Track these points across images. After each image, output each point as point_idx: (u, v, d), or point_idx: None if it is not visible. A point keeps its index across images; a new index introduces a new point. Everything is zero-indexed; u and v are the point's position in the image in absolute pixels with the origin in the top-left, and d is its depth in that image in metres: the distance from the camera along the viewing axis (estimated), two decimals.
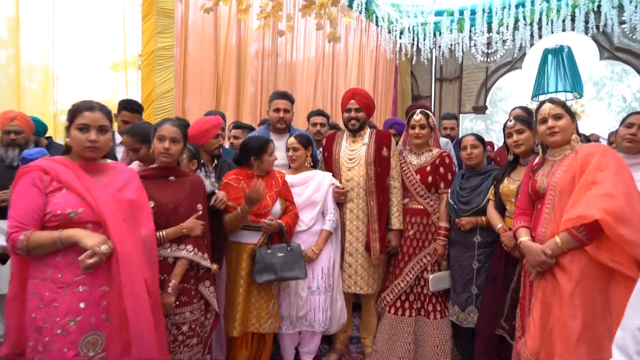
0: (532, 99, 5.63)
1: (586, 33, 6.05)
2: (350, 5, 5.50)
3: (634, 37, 5.80)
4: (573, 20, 5.89)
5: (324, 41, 5.93)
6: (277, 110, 2.62)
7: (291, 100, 2.69)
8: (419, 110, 2.62)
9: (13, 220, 1.33)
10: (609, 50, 6.29)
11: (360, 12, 6.04)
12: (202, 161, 2.32)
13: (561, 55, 5.55)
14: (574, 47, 5.54)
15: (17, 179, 1.39)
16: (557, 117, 1.79)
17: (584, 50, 6.73)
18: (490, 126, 14.55)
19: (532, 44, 6.32)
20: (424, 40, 6.59)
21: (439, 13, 6.45)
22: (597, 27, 5.76)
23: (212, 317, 1.99)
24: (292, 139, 2.49)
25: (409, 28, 6.59)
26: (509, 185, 2.17)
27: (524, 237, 1.82)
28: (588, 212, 1.53)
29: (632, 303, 0.87)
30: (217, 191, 2.16)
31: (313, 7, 3.27)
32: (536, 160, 1.94)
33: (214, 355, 2.18)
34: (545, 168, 1.86)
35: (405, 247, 2.55)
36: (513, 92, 13.19)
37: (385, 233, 2.51)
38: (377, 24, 6.59)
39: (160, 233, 1.73)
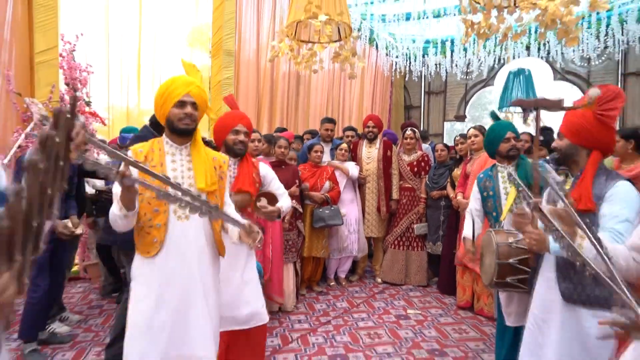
0: (498, 109, 7.69)
1: (543, 58, 8.11)
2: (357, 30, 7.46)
3: (581, 63, 7.83)
4: (528, 48, 7.93)
5: (334, 64, 7.88)
6: (327, 129, 4.60)
7: (334, 122, 4.66)
8: (409, 128, 4.62)
9: None
10: (560, 72, 8.36)
11: (364, 39, 8.02)
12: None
13: (522, 76, 7.63)
14: (535, 69, 7.58)
15: None
16: (476, 135, 3.77)
17: (542, 72, 8.79)
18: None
19: (501, 66, 8.35)
20: (415, 61, 8.60)
21: (427, 41, 8.46)
22: (548, 52, 7.78)
23: (302, 239, 3.94)
24: (344, 147, 4.44)
25: (402, 52, 8.57)
26: (457, 172, 4.17)
27: (459, 197, 3.81)
28: None
29: None
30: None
31: (339, 58, 5.22)
32: (469, 158, 3.93)
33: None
34: (471, 162, 3.85)
35: (400, 209, 4.55)
36: (486, 104, 15.27)
37: (389, 201, 4.51)
38: (377, 49, 8.58)
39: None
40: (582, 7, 3.64)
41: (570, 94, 8.86)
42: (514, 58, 8.18)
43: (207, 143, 2.17)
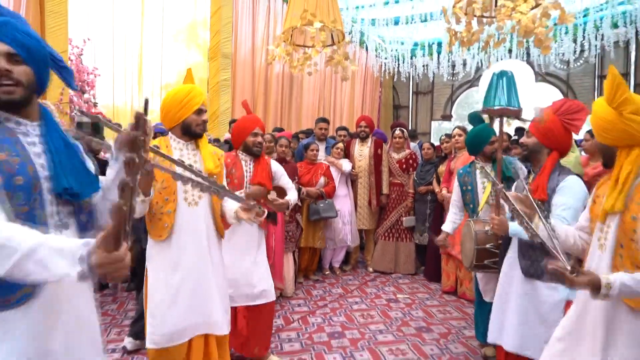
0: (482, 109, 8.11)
1: (525, 61, 8.57)
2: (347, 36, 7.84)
3: (560, 66, 8.29)
4: (510, 51, 8.37)
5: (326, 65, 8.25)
6: (321, 128, 4.96)
7: (328, 122, 5.03)
8: (398, 128, 5.01)
9: None
10: (541, 74, 8.83)
11: (355, 42, 8.39)
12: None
13: (505, 78, 8.06)
14: (517, 71, 8.02)
15: None
16: (460, 135, 4.17)
17: (524, 74, 9.26)
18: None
19: (486, 68, 8.78)
20: (403, 62, 9.00)
21: (415, 43, 8.87)
22: (529, 55, 8.23)
23: (300, 231, 4.31)
24: (340, 146, 4.81)
25: (391, 54, 8.96)
26: (442, 168, 4.57)
27: (444, 191, 4.21)
28: None
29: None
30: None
31: (333, 62, 5.58)
32: (453, 156, 4.33)
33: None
34: (455, 159, 4.25)
35: (390, 203, 4.94)
36: (473, 103, 15.86)
37: (379, 195, 4.90)
38: (366, 50, 8.96)
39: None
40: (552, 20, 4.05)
41: (550, 94, 9.38)
42: (497, 60, 8.63)
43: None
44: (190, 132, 2.15)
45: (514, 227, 2.12)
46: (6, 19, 1.23)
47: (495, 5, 4.05)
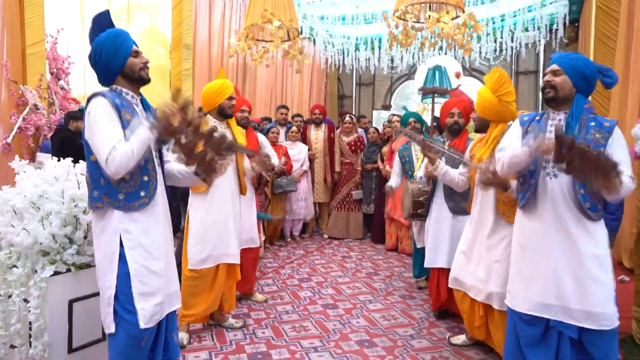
0: (421, 101, 9.30)
1: (455, 57, 9.87)
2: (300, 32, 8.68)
3: (483, 62, 9.67)
4: (442, 48, 9.62)
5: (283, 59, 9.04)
6: (282, 114, 5.81)
7: (288, 108, 5.88)
8: (348, 115, 5.98)
9: None
10: (468, 69, 10.20)
11: (304, 36, 9.25)
12: None
13: (438, 72, 9.30)
14: (449, 66, 9.25)
15: None
16: (397, 121, 5.20)
17: (454, 68, 10.60)
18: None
19: (421, 62, 9.99)
20: (347, 56, 10.00)
21: (358, 38, 9.89)
22: (455, 51, 9.52)
23: (268, 202, 5.14)
24: (294, 130, 5.68)
25: (337, 48, 9.92)
26: (385, 149, 5.59)
27: (387, 168, 5.23)
28: None
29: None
30: None
31: (289, 56, 6.41)
32: (394, 139, 5.35)
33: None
34: (395, 141, 5.27)
35: (342, 179, 5.92)
36: (409, 94, 17.41)
37: (333, 173, 5.85)
38: (314, 44, 9.85)
39: None
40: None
41: (475, 86, 10.87)
42: (431, 56, 9.87)
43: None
44: (224, 114, 2.96)
45: (440, 167, 2.97)
46: None
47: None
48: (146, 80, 1.97)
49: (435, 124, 3.74)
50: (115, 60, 1.88)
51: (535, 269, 2.03)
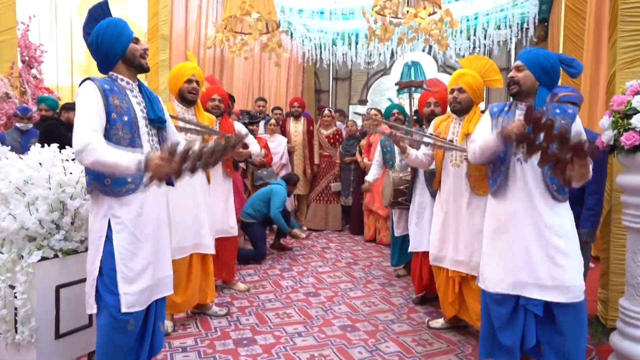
0: (397, 96, 9.45)
1: (429, 54, 10.07)
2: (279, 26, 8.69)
3: (456, 59, 9.88)
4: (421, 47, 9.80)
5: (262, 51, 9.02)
6: (260, 106, 5.83)
7: (266, 101, 5.89)
8: (326, 109, 6.05)
9: None
10: (442, 66, 10.42)
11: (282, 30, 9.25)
12: None
13: (413, 68, 9.49)
14: (424, 62, 9.44)
15: None
16: (376, 115, 5.30)
17: (429, 65, 10.82)
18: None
19: (400, 57, 10.15)
20: (325, 50, 10.06)
21: (336, 33, 9.96)
22: (431, 48, 9.73)
23: (247, 194, 5.16)
24: (273, 123, 5.71)
25: (314, 42, 9.97)
26: (363, 142, 5.69)
27: (365, 160, 5.33)
28: None
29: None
30: None
31: (267, 48, 6.43)
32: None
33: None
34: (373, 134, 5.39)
35: (321, 172, 6.00)
36: (384, 90, 17.67)
37: (312, 165, 5.91)
38: (291, 38, 9.87)
39: None
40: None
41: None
42: (407, 52, 10.04)
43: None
44: (185, 99, 2.96)
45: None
46: None
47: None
48: (145, 69, 2.00)
49: (415, 117, 3.85)
50: (117, 46, 1.91)
51: (508, 248, 2.16)
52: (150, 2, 6.89)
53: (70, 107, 4.69)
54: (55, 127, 4.37)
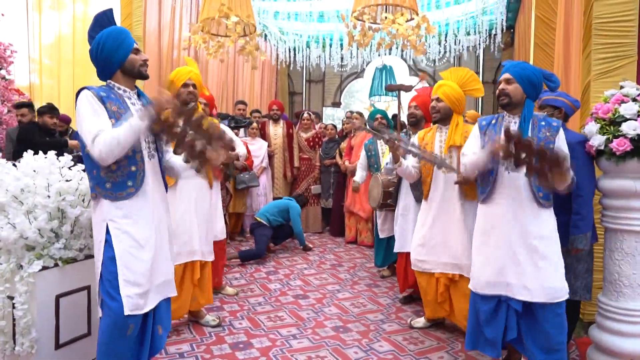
0: (369, 97, 9.61)
1: (401, 57, 10.29)
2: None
3: (428, 63, 10.16)
4: (390, 49, 10.01)
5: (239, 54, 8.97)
6: (239, 109, 5.82)
7: (246, 104, 5.90)
8: (306, 112, 6.12)
9: None
10: (413, 69, 10.68)
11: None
12: None
13: (385, 71, 9.67)
14: (395, 66, 9.64)
15: None
16: (357, 118, 5.40)
17: (400, 68, 11.07)
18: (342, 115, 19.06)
19: (369, 62, 10.33)
20: (298, 53, 10.11)
21: (310, 35, 10.03)
22: (403, 52, 9.95)
23: (229, 197, 5.15)
24: (254, 126, 5.72)
25: (288, 45, 10.01)
26: (343, 145, 5.79)
27: (346, 163, 5.42)
28: None
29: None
30: None
31: (245, 51, 6.43)
32: (353, 134, 5.56)
33: None
34: (355, 137, 5.48)
35: (301, 174, 6.06)
36: (357, 93, 17.86)
37: (292, 168, 5.96)
38: (265, 40, 9.87)
39: None
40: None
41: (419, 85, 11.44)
42: (379, 55, 10.23)
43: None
44: (182, 103, 2.94)
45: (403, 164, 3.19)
46: None
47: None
48: (145, 77, 2.02)
49: (401, 120, 3.98)
50: (116, 55, 1.92)
51: (495, 249, 2.29)
52: (124, 3, 6.75)
53: (44, 110, 4.54)
54: (31, 132, 4.24)
